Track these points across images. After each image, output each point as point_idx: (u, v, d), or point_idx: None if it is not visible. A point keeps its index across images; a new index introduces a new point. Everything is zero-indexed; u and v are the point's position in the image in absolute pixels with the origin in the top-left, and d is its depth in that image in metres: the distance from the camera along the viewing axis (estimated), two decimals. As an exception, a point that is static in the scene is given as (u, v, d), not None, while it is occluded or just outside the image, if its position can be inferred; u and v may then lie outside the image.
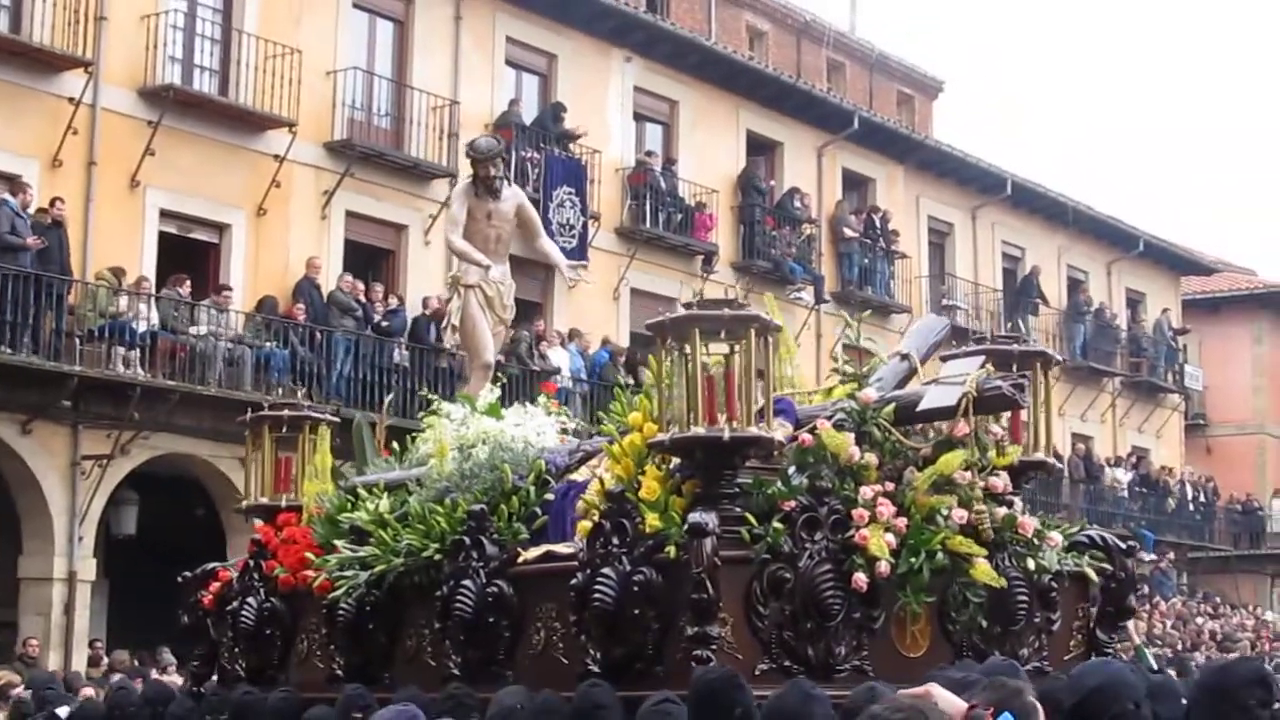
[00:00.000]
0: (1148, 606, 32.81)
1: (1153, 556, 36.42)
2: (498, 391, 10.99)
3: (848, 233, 34.81)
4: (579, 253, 27.51)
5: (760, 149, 34.23)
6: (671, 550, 7.44)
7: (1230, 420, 47.87)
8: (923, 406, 8.67)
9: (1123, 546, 9.64)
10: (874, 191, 36.68)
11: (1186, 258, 45.87)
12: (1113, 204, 59.50)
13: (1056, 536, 9.03)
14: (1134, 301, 44.44)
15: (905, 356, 9.48)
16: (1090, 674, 5.51)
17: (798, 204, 33.84)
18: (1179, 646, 32.21)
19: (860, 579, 7.69)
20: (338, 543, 9.74)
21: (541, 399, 10.68)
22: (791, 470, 7.99)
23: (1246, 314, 48.65)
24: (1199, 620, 36.65)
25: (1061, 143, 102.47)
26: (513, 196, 12.58)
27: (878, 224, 35.61)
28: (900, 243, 36.06)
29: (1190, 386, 45.33)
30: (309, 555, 10.01)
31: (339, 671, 9.63)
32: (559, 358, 27.77)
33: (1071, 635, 9.21)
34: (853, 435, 8.25)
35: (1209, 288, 47.75)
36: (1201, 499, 44.53)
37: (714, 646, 7.27)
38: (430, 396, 11.14)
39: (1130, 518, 39.40)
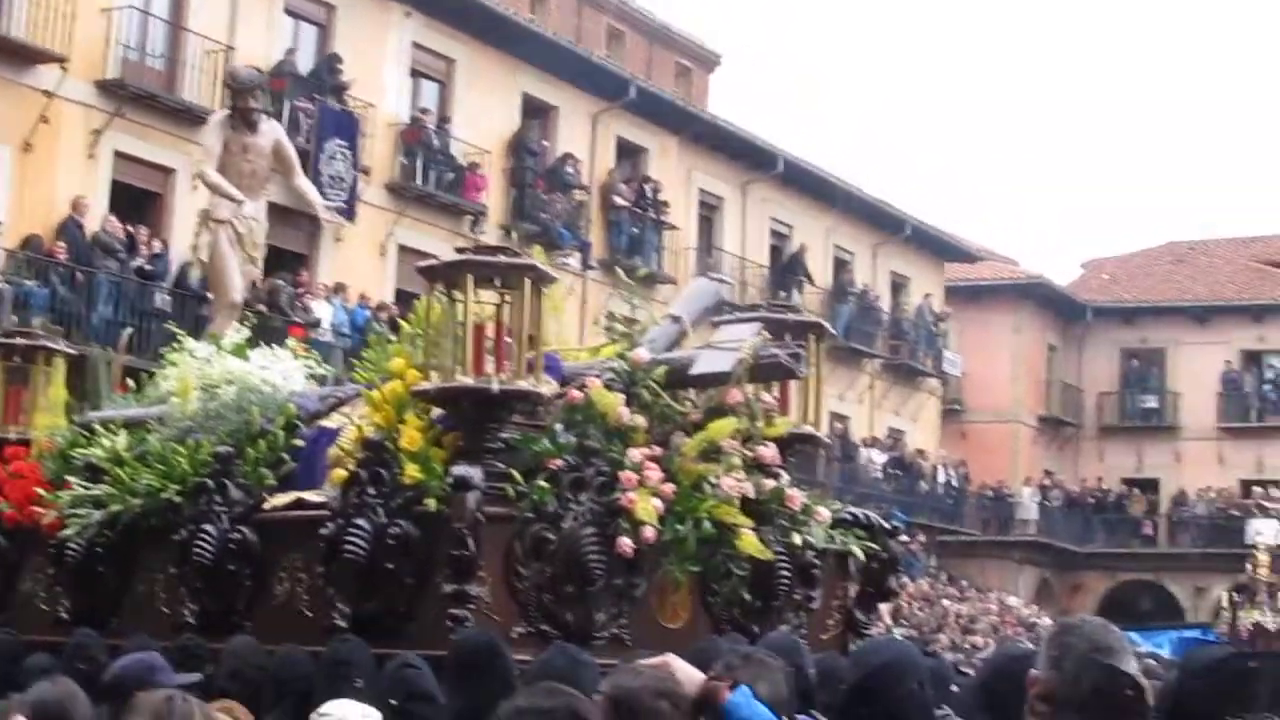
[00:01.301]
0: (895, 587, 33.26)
1: (904, 538, 36.97)
2: (246, 332, 10.63)
3: (618, 201, 34.79)
4: (349, 211, 27.10)
5: (536, 112, 34.02)
6: (432, 503, 7.19)
7: (986, 407, 48.82)
8: (696, 371, 8.52)
9: (887, 527, 9.64)
10: (647, 161, 36.68)
11: (951, 244, 46.65)
12: (884, 188, 60.28)
13: (824, 512, 8.97)
14: (898, 285, 45.10)
15: (677, 319, 9.33)
16: (876, 651, 5.40)
17: (570, 170, 33.73)
18: (925, 628, 32.80)
19: (625, 544, 7.52)
20: (70, 480, 9.34)
21: (290, 342, 10.37)
22: (559, 428, 7.77)
23: (1008, 303, 49.64)
24: (945, 602, 37.32)
25: (843, 124, 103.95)
26: (270, 131, 12.24)
27: (649, 194, 35.64)
28: (670, 214, 36.12)
29: (949, 372, 46.12)
30: (38, 491, 9.60)
31: (64, 615, 9.24)
32: (322, 311, 27.30)
33: (830, 614, 9.16)
34: (623, 396, 8.07)
35: (972, 275, 48.57)
36: (954, 483, 45.41)
37: (471, 606, 7.04)
38: (177, 331, 10.74)
39: (883, 499, 39.93)
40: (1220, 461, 50.42)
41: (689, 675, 4.31)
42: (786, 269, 39.70)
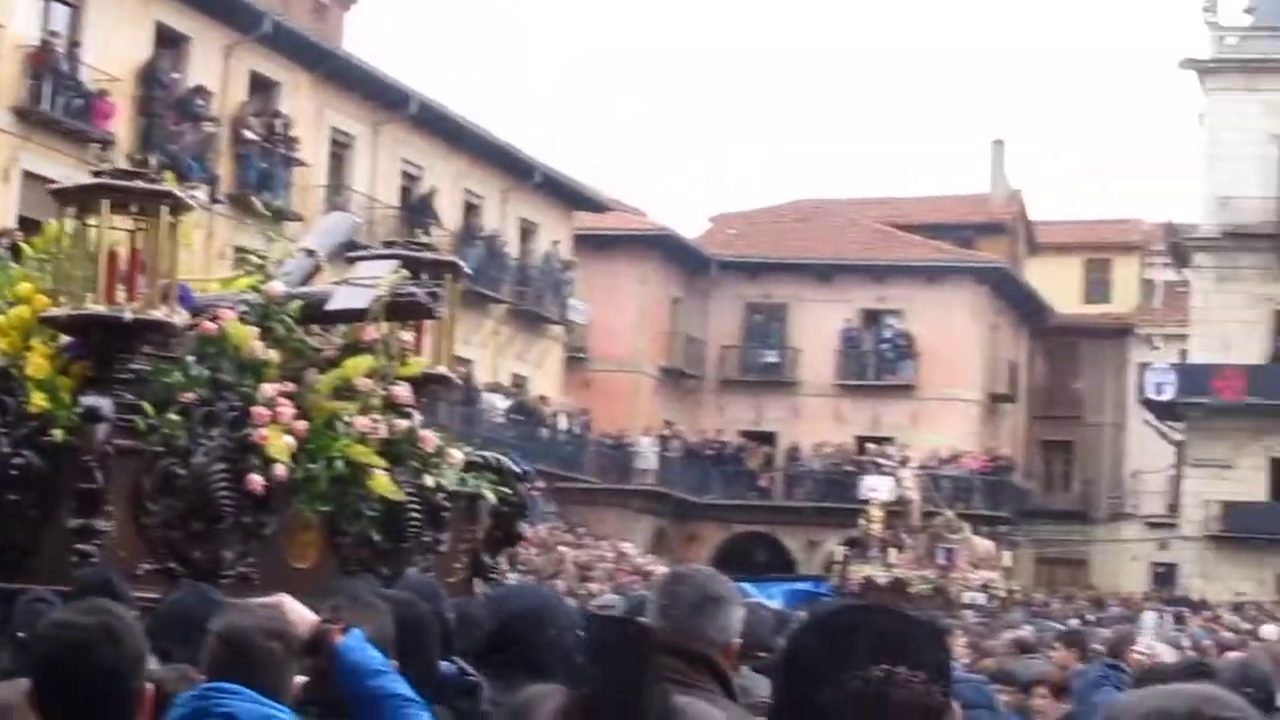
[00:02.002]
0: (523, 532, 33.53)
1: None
2: None
3: (248, 135, 34.30)
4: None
5: (169, 42, 33.31)
6: (58, 434, 7.02)
7: (610, 356, 49.50)
8: (332, 306, 8.48)
9: (517, 471, 9.71)
10: (280, 96, 36.21)
11: (581, 193, 47.11)
12: (517, 134, 60.53)
13: (457, 455, 9.02)
14: (527, 231, 45.38)
15: (311, 253, 9.26)
16: (514, 598, 5.48)
17: (201, 102, 33.16)
18: (542, 574, 33.13)
19: (256, 481, 7.46)
20: None
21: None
22: (191, 360, 7.65)
23: (635, 254, 50.36)
24: (561, 549, 37.79)
25: (481, 68, 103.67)
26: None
27: (280, 129, 35.22)
28: (301, 150, 35.72)
29: (574, 320, 46.62)
30: None
31: None
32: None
33: (457, 557, 9.21)
34: (256, 330, 7.99)
35: (601, 225, 49.14)
36: (575, 431, 45.96)
37: (98, 542, 6.90)
38: None
39: (504, 444, 40.12)
40: (837, 418, 52.12)
41: (301, 616, 4.33)
42: (416, 210, 39.60)
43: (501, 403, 41.81)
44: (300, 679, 4.27)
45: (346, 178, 38.45)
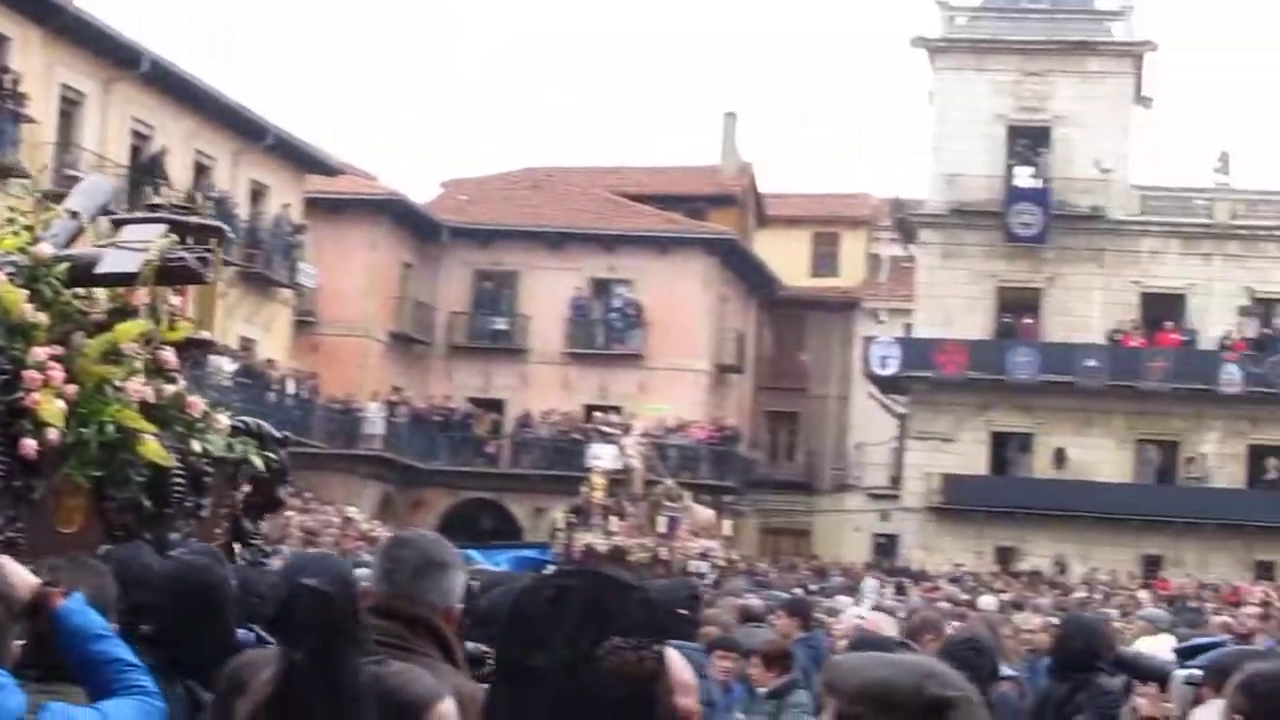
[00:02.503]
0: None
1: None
2: None
3: (-28, 89, 33.37)
4: None
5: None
6: None
7: (339, 320, 49.17)
8: (102, 269, 8.41)
9: (277, 436, 9.74)
10: (8, 52, 35.32)
11: (313, 156, 46.65)
12: (250, 95, 59.49)
13: (223, 420, 9.03)
14: (257, 194, 44.80)
15: (75, 215, 9.16)
16: (308, 566, 5.50)
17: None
18: (268, 539, 32.79)
19: (29, 445, 7.41)
20: None
21: None
22: (-41, 323, 7.56)
23: (366, 218, 50.08)
24: (288, 513, 37.48)
25: (214, 27, 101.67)
26: None
27: (7, 85, 34.37)
28: (30, 107, 34.85)
29: (303, 284, 46.16)
30: None
31: None
32: None
33: (218, 522, 9.22)
34: (25, 292, 7.91)
35: (332, 189, 48.73)
36: (303, 395, 45.57)
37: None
38: None
39: (232, 408, 39.60)
40: (566, 386, 52.46)
41: (22, 578, 4.29)
42: (145, 170, 38.87)
43: (228, 366, 41.21)
44: (19, 643, 4.25)
45: (76, 136, 37.61)
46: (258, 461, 9.19)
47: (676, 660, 3.88)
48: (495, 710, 2.82)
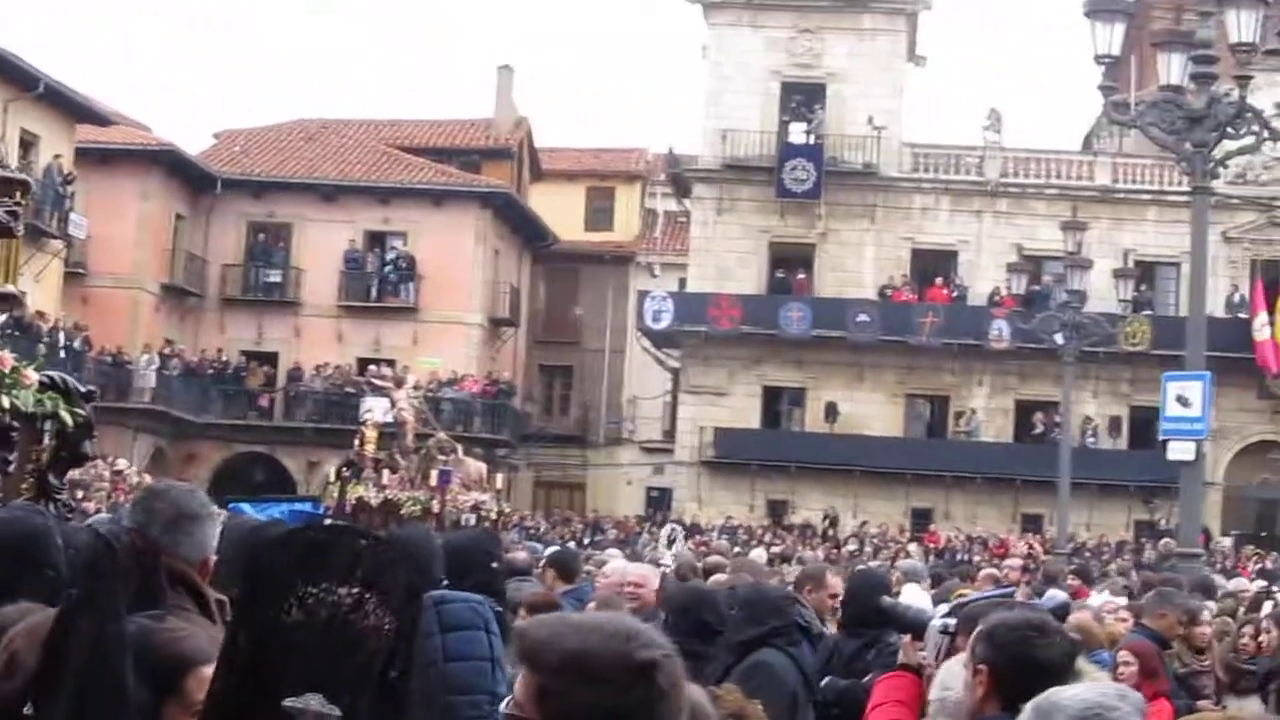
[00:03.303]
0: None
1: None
2: None
3: None
4: None
5: None
6: None
7: (111, 272, 48.38)
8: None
9: (83, 390, 9.71)
10: None
11: (84, 106, 45.72)
12: (21, 43, 57.97)
13: (32, 375, 9.02)
14: (28, 143, 43.75)
15: None
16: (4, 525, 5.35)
17: None
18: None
19: None
20: None
21: None
22: None
23: (137, 169, 49.29)
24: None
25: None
26: None
27: None
28: None
29: (74, 235, 45.25)
30: None
31: None
32: None
33: (24, 477, 9.20)
34: None
35: (103, 139, 47.84)
36: (74, 347, 44.73)
37: None
38: None
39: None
40: (339, 339, 52.17)
41: None
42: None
43: (-5, 318, 40.29)
44: None
45: None
46: (66, 417, 9.16)
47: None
48: (234, 664, 2.67)
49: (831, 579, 10.15)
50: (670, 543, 25.31)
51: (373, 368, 45.70)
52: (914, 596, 10.84)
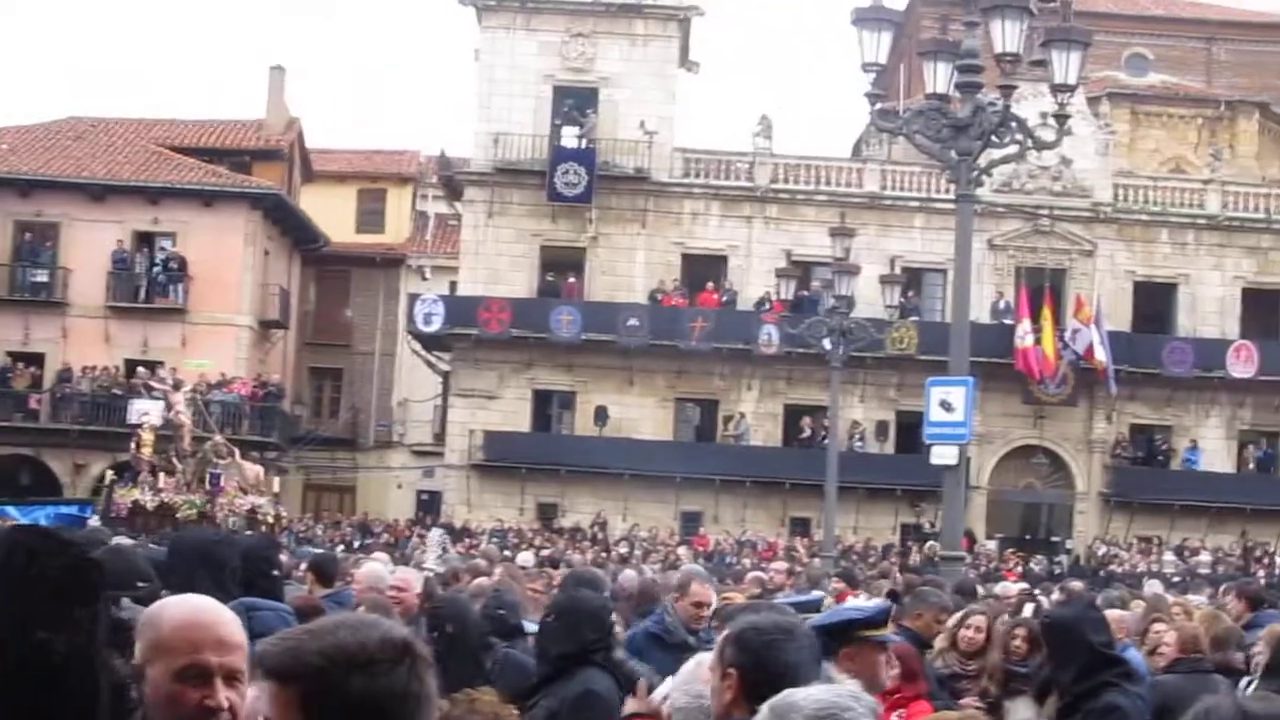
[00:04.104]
0: None
1: None
2: None
3: None
4: None
5: None
6: None
7: None
8: None
9: None
10: None
11: None
12: None
13: None
14: None
15: None
16: None
17: None
18: None
19: None
20: None
21: None
22: None
23: None
24: None
25: None
26: None
27: None
28: None
29: None
30: None
31: None
32: None
33: None
34: None
35: None
36: None
37: None
38: None
39: None
40: (107, 340, 51.11)
41: None
42: None
43: None
44: None
45: None
46: None
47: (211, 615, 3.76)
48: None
49: (698, 587, 9.96)
50: (442, 550, 25.13)
51: (143, 369, 44.84)
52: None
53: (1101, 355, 49.12)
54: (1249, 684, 10.31)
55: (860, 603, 9.79)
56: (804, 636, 4.91)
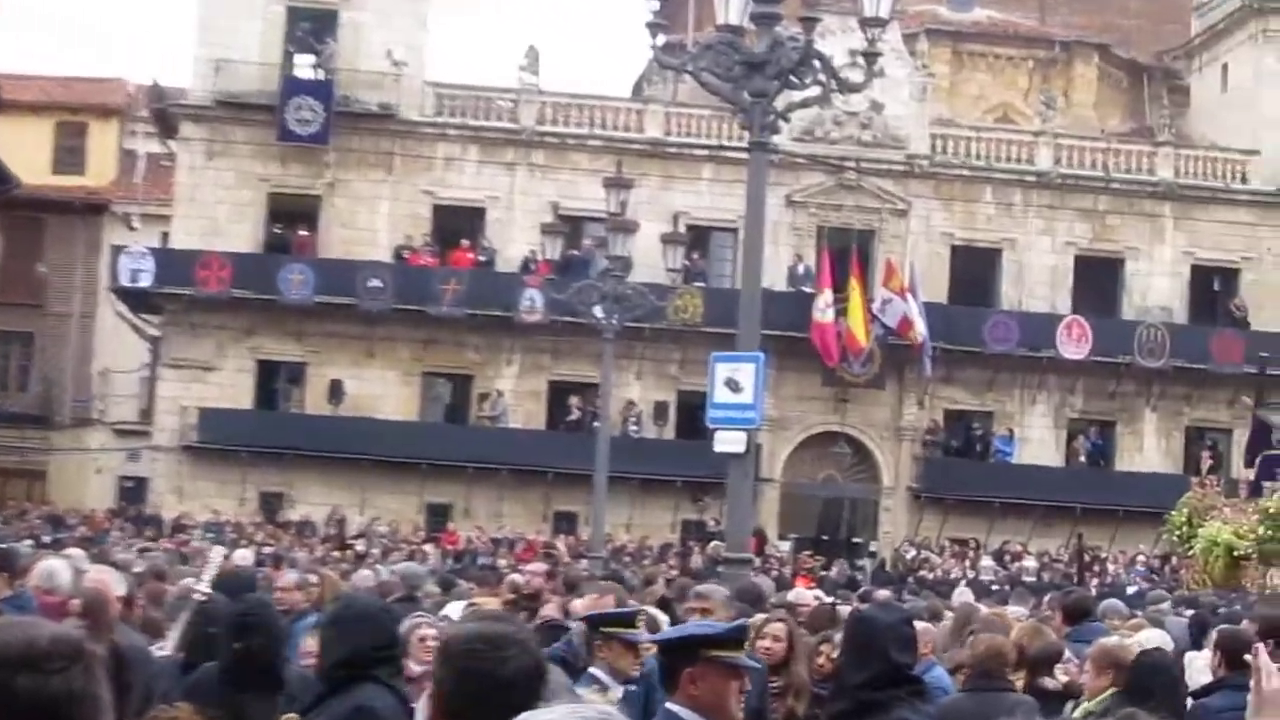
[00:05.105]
0: None
1: None
2: None
3: None
4: None
5: None
6: None
7: None
8: None
9: None
10: None
11: None
12: None
13: None
14: None
15: None
16: None
17: None
18: None
19: None
20: None
21: None
22: None
23: None
24: None
25: None
26: None
27: None
28: None
29: None
30: None
31: None
32: None
33: None
34: None
35: None
36: None
37: None
38: None
39: None
40: None
41: None
42: None
43: None
44: None
45: None
46: None
47: None
48: None
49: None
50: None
51: None
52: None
53: (919, 330, 49.62)
54: (1074, 708, 10.39)
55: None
56: (516, 648, 4.86)
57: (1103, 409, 53.22)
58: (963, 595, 20.89)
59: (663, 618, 12.01)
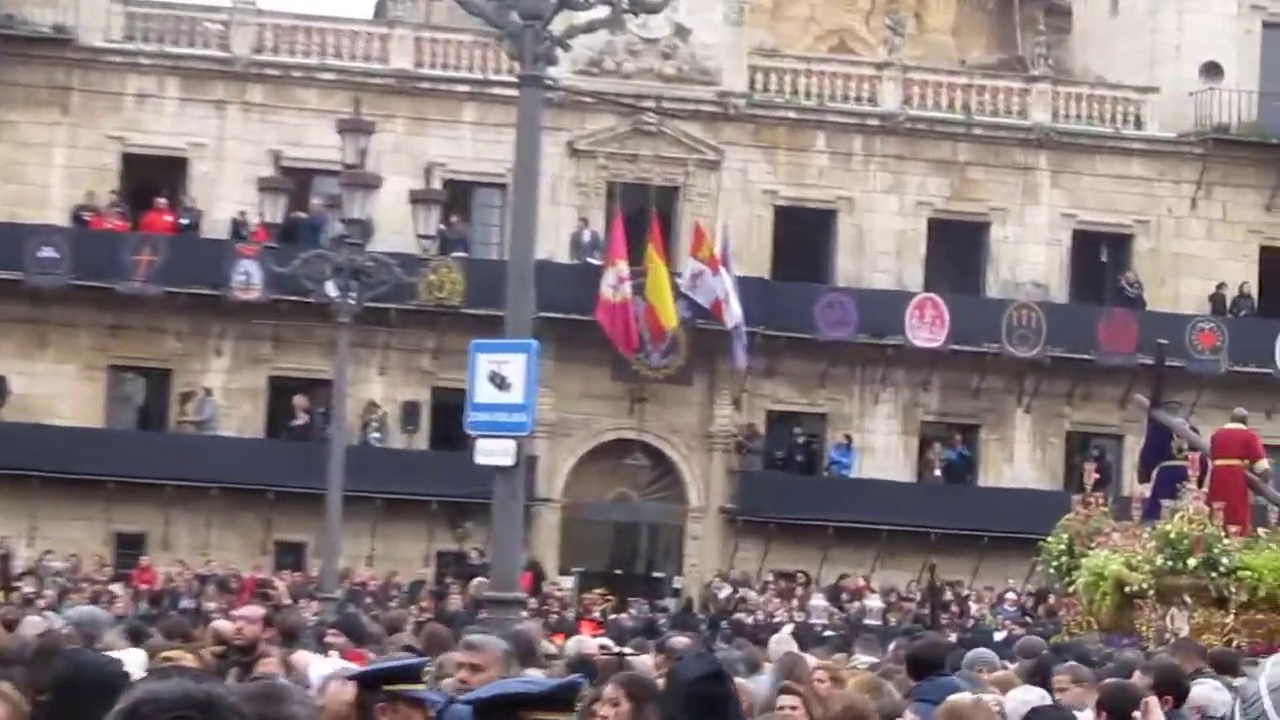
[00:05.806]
0: None
1: None
2: None
3: None
4: None
5: None
6: None
7: None
8: None
9: None
10: None
11: None
12: None
13: None
14: None
15: None
16: None
17: None
18: None
19: None
20: None
21: None
22: None
23: None
24: None
25: None
26: None
27: None
28: None
29: None
30: None
31: None
32: None
33: None
34: None
35: None
36: None
37: None
38: None
39: None
40: None
41: None
42: None
43: None
44: None
45: None
46: None
47: None
48: None
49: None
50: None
51: None
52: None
53: (734, 311, 49.40)
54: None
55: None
56: (215, 711, 4.71)
57: (963, 410, 53.73)
58: (784, 644, 20.59)
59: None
